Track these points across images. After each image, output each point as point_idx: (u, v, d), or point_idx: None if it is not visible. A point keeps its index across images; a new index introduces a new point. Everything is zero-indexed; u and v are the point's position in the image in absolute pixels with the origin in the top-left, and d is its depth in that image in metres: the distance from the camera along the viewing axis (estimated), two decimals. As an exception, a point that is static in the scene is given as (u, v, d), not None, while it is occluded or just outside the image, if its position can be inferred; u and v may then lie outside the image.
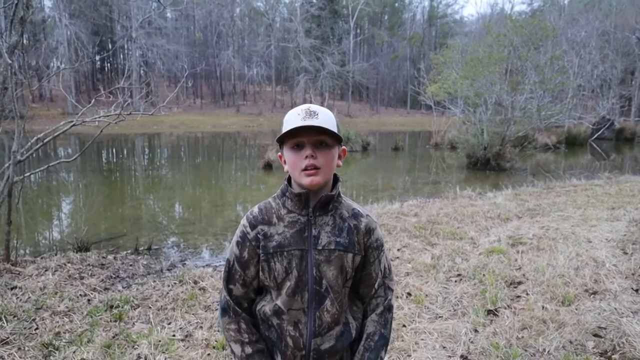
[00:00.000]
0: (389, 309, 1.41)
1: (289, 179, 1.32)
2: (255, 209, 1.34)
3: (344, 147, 1.34)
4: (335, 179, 1.33)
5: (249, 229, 1.31)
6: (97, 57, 49.45)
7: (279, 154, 1.34)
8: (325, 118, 1.24)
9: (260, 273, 1.31)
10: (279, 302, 1.29)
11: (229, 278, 1.34)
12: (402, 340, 3.08)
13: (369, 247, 1.36)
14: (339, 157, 1.32)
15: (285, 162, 1.30)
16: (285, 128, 1.23)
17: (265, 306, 1.33)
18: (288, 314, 1.29)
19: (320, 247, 1.28)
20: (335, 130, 1.24)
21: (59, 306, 3.60)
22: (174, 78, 49.96)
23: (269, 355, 1.34)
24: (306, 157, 1.23)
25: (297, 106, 1.30)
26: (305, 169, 1.23)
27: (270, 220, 1.30)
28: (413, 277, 4.29)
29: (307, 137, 1.23)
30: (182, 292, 4.03)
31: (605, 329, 3.17)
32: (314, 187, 1.25)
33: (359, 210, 1.37)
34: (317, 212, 1.29)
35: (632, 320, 3.25)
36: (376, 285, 1.39)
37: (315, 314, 1.29)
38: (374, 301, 1.40)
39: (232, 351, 1.32)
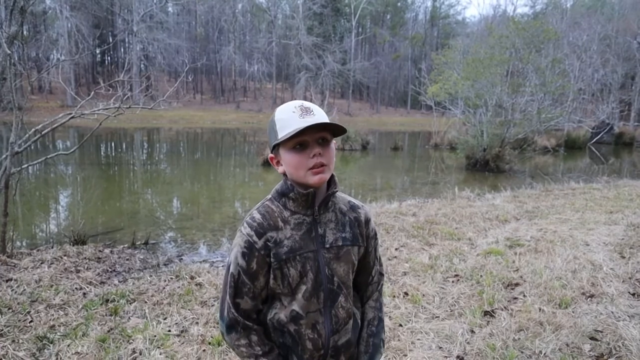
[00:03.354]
0: (380, 292, 1.47)
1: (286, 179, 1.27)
2: (257, 216, 1.25)
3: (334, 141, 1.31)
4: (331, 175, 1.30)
5: (255, 238, 1.21)
6: (98, 50, 49.41)
7: (271, 155, 1.28)
8: (321, 113, 1.21)
9: (272, 281, 1.24)
10: (295, 307, 1.24)
11: (236, 293, 1.24)
12: (399, 340, 3.07)
13: (368, 237, 1.36)
14: None
15: (279, 163, 1.25)
16: (283, 128, 1.17)
17: (279, 314, 1.27)
18: (306, 317, 1.25)
19: (327, 245, 1.25)
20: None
21: (54, 299, 3.58)
22: (174, 73, 49.84)
23: (286, 358, 1.30)
24: (314, 155, 1.18)
25: (290, 102, 1.24)
26: (313, 167, 1.18)
27: (277, 225, 1.23)
28: (410, 277, 4.28)
29: (310, 135, 1.17)
30: (179, 287, 4.01)
31: (601, 332, 3.17)
32: (322, 184, 1.22)
33: (355, 202, 1.37)
34: (320, 210, 1.26)
35: (628, 324, 3.24)
36: (373, 273, 1.42)
37: (331, 312, 1.26)
38: (370, 288, 1.43)
39: None
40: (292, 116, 1.17)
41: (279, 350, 1.29)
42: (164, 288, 3.99)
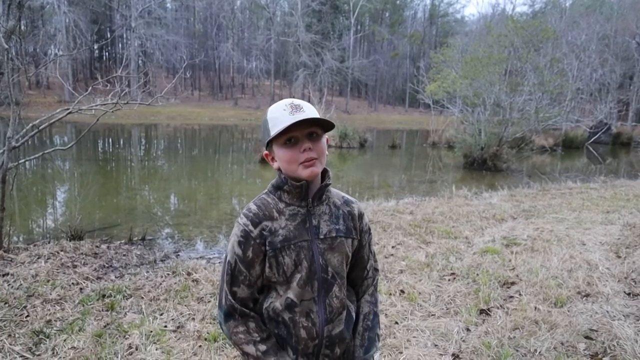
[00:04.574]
0: (376, 287, 1.51)
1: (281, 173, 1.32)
2: (253, 207, 1.31)
3: (326, 136, 1.35)
4: (324, 170, 1.34)
5: (251, 227, 1.27)
6: (95, 46, 49.22)
7: (266, 152, 1.33)
8: (311, 110, 1.25)
9: (268, 269, 1.28)
10: (290, 295, 1.29)
11: (232, 280, 1.29)
12: (394, 337, 3.08)
13: (362, 231, 1.42)
14: None
15: (273, 159, 1.31)
16: (274, 125, 1.23)
17: (274, 302, 1.31)
18: (301, 305, 1.29)
19: (322, 236, 1.30)
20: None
21: (50, 294, 3.58)
22: (173, 69, 49.75)
23: (282, 349, 1.32)
24: (304, 150, 1.23)
25: (281, 101, 1.29)
26: (304, 162, 1.24)
27: (272, 216, 1.29)
28: (407, 275, 4.29)
29: (299, 131, 1.23)
30: (175, 283, 4.01)
31: (596, 331, 3.18)
32: (313, 177, 1.27)
33: (348, 198, 1.43)
34: (314, 202, 1.32)
35: (623, 323, 3.26)
36: (368, 267, 1.47)
37: (325, 301, 1.31)
38: (366, 282, 1.48)
39: (246, 352, 1.28)
40: (282, 114, 1.23)
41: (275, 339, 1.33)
42: (160, 284, 3.99)
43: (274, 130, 1.22)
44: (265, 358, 1.27)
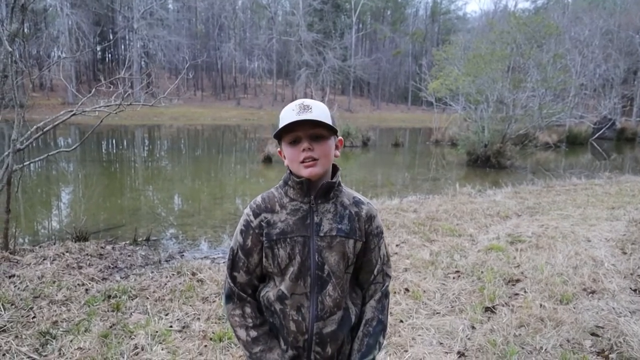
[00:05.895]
0: (386, 295, 1.46)
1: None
2: (259, 198, 1.38)
3: (340, 137, 1.38)
4: (335, 169, 1.38)
5: (252, 217, 1.34)
6: (98, 48, 49.22)
7: (279, 149, 1.38)
8: (319, 111, 1.27)
9: (264, 259, 1.34)
10: (282, 287, 1.32)
11: (233, 265, 1.37)
12: (399, 336, 3.08)
13: (370, 233, 1.41)
14: (336, 148, 1.36)
15: (284, 156, 1.34)
16: (282, 124, 1.27)
17: (269, 292, 1.36)
18: (291, 298, 1.32)
19: (322, 234, 1.32)
20: (330, 122, 1.27)
21: (56, 295, 3.59)
22: (175, 70, 49.84)
23: (274, 338, 1.37)
24: (303, 150, 1.27)
25: (295, 100, 1.33)
26: (303, 161, 1.27)
27: (273, 208, 1.34)
28: (411, 273, 4.29)
29: (302, 131, 1.27)
30: (180, 283, 4.02)
31: (602, 328, 3.17)
32: (313, 178, 1.30)
33: (360, 198, 1.42)
34: (318, 200, 1.34)
35: (629, 319, 3.25)
36: (375, 272, 1.44)
37: (317, 298, 1.32)
38: (373, 287, 1.45)
39: (238, 336, 1.35)
40: (290, 114, 1.27)
41: (270, 328, 1.38)
42: (165, 284, 4.00)
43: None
44: (254, 344, 1.33)
